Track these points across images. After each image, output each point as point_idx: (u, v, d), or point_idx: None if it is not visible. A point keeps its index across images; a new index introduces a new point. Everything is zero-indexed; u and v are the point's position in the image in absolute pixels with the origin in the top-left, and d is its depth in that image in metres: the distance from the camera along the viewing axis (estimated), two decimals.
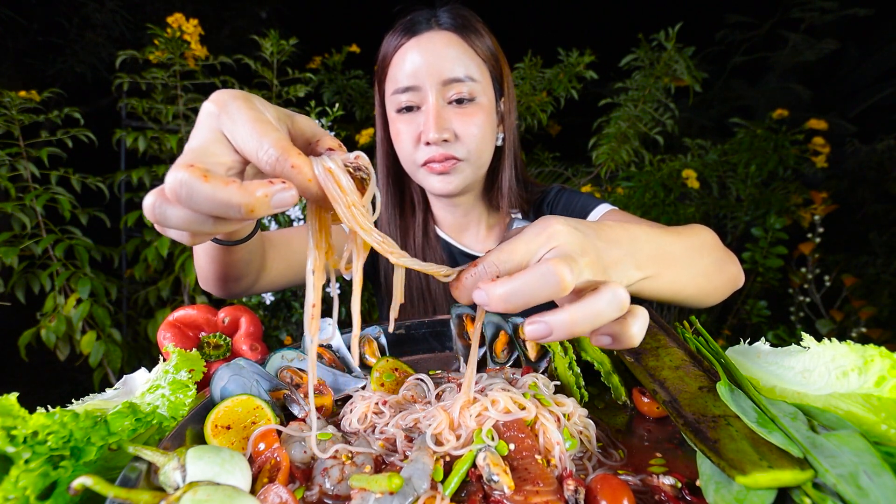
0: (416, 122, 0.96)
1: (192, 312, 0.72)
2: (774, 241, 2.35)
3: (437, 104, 0.94)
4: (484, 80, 0.98)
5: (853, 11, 3.31)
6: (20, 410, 0.41)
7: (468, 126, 0.95)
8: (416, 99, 0.96)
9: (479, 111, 0.96)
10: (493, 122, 1.01)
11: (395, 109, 0.99)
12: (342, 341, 0.70)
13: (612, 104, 2.32)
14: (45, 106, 1.88)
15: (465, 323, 0.74)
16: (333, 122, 1.89)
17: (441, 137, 0.93)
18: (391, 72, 0.98)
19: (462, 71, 0.94)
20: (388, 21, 1.04)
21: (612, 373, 0.59)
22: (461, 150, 0.96)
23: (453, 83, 0.94)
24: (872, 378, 0.44)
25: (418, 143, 0.97)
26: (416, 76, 0.94)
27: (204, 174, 0.34)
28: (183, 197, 0.34)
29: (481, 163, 1.01)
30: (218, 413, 0.49)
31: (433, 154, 0.95)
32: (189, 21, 1.97)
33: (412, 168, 1.01)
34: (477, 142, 0.96)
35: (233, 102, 0.39)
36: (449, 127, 0.94)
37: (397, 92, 0.96)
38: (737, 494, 0.37)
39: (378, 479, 0.38)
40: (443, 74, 0.93)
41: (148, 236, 2.00)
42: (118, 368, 1.84)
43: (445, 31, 0.96)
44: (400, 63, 0.96)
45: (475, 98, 0.96)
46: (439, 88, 0.94)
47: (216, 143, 0.38)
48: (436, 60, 0.93)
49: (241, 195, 0.34)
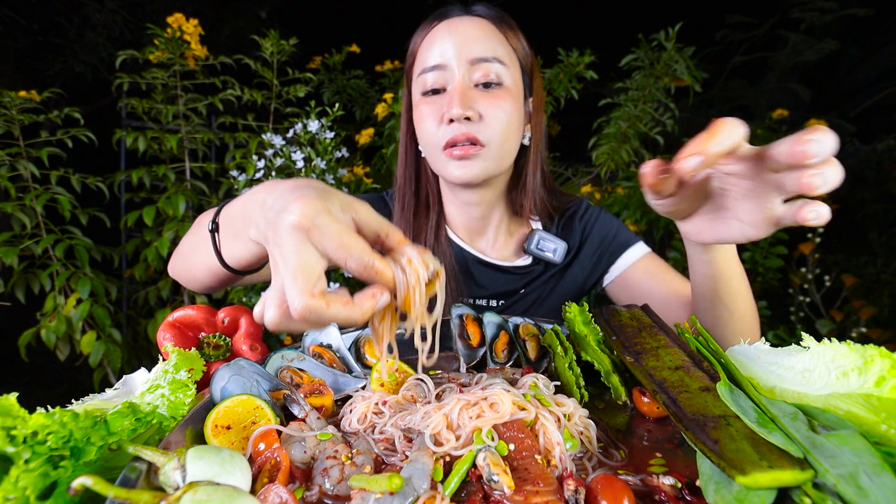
0: (440, 103, 0.93)
1: (192, 312, 0.72)
2: (774, 241, 2.35)
3: (463, 82, 0.90)
4: (514, 68, 0.95)
5: (853, 11, 3.31)
6: (20, 410, 0.41)
7: (494, 109, 0.91)
8: (443, 79, 0.92)
9: (506, 95, 0.93)
10: (520, 113, 0.97)
11: (420, 92, 0.96)
12: (342, 341, 0.70)
13: (612, 104, 2.32)
14: (45, 106, 1.88)
15: (465, 323, 0.74)
16: (333, 122, 1.89)
17: (464, 114, 0.89)
18: (420, 56, 0.96)
19: (491, 52, 0.91)
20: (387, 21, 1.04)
21: (612, 373, 0.59)
22: (484, 133, 0.91)
23: (481, 63, 0.90)
24: (872, 378, 0.44)
25: (441, 124, 0.93)
26: (443, 55, 0.91)
27: (326, 301, 0.42)
28: (310, 319, 0.42)
29: (504, 153, 0.96)
30: (218, 413, 0.49)
31: (455, 133, 0.90)
32: (189, 21, 1.96)
33: (434, 153, 0.96)
34: (502, 126, 0.92)
35: (318, 219, 0.43)
36: (474, 106, 0.90)
37: (424, 72, 0.94)
38: (737, 494, 0.37)
39: (378, 480, 0.38)
40: (471, 53, 0.90)
41: (148, 236, 2.00)
42: (118, 368, 1.84)
43: (480, 17, 0.94)
44: (429, 45, 0.94)
45: (503, 83, 0.92)
46: (467, 68, 0.91)
47: (311, 257, 0.43)
48: (465, 40, 0.91)
49: (357, 312, 0.43)
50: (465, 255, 1.09)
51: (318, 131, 1.84)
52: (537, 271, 1.09)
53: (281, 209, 0.45)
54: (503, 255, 1.11)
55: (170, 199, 1.89)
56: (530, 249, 1.07)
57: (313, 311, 0.41)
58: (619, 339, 0.61)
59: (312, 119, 1.84)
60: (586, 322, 0.67)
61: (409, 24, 1.03)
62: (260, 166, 1.82)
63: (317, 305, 0.41)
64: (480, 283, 1.08)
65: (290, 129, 1.91)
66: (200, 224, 0.78)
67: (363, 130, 2.23)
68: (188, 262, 0.79)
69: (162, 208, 1.89)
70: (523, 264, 1.09)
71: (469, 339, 0.72)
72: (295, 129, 1.88)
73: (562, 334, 0.66)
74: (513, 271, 1.09)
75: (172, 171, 2.02)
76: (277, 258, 0.44)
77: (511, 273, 1.09)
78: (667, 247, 2.49)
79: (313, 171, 1.79)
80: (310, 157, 1.81)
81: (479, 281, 1.08)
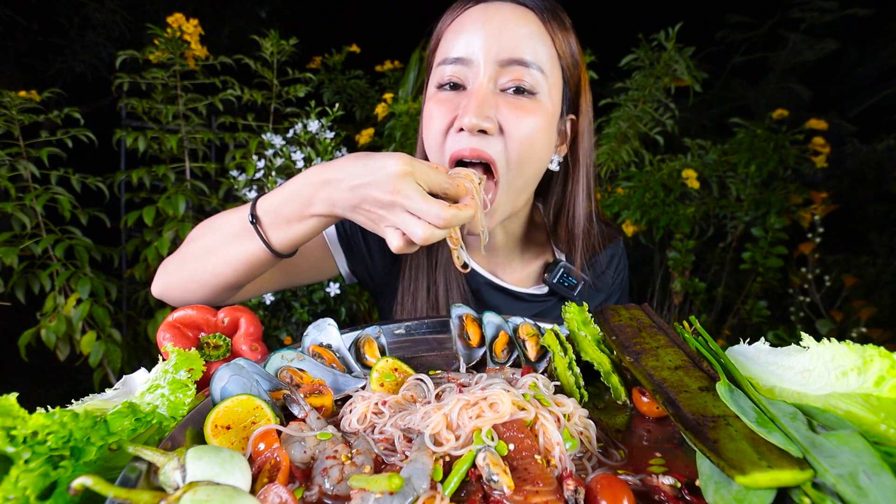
0: (454, 102, 0.77)
1: (192, 313, 0.72)
2: (774, 241, 2.35)
3: (486, 85, 0.74)
4: (554, 76, 0.78)
5: (853, 11, 3.31)
6: (20, 410, 0.41)
7: (517, 122, 0.75)
8: (464, 74, 0.77)
9: (537, 109, 0.76)
10: (550, 132, 0.80)
11: (436, 84, 0.80)
12: (342, 341, 0.70)
13: (612, 104, 2.32)
14: (45, 106, 1.88)
15: (465, 323, 0.74)
16: (333, 122, 1.89)
17: (479, 125, 0.73)
18: (444, 42, 0.80)
19: (529, 53, 0.74)
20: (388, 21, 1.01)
21: (611, 373, 0.59)
22: (499, 151, 0.75)
23: (514, 65, 0.74)
24: (872, 378, 0.44)
25: (448, 132, 0.78)
26: (469, 47, 0.75)
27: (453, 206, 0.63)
28: (453, 222, 0.62)
29: (522, 182, 0.80)
30: (218, 413, 0.49)
31: (462, 147, 0.75)
32: (189, 21, 1.96)
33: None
34: (524, 147, 0.76)
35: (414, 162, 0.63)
36: (493, 116, 0.74)
37: (444, 63, 0.78)
38: (736, 494, 0.37)
39: (378, 480, 0.38)
40: (503, 52, 0.74)
41: (148, 236, 2.00)
42: (118, 368, 1.84)
43: (523, 6, 0.77)
44: (456, 31, 0.78)
45: (536, 93, 0.76)
46: (495, 69, 0.75)
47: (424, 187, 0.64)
48: (499, 32, 0.74)
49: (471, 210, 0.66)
50: (476, 279, 1.00)
51: (318, 131, 1.84)
52: (552, 302, 1.01)
53: (378, 168, 0.62)
54: (517, 279, 1.02)
55: (170, 199, 1.89)
56: (552, 283, 0.97)
57: (455, 216, 0.61)
58: (619, 339, 0.61)
59: (312, 119, 1.84)
60: (585, 322, 0.67)
61: (410, 25, 1.00)
62: (260, 166, 1.82)
63: (454, 213, 0.62)
64: (488, 306, 0.99)
65: (290, 129, 1.91)
66: (216, 227, 0.81)
67: (363, 130, 2.24)
68: (206, 264, 0.80)
69: (162, 208, 1.89)
70: (539, 293, 1.01)
71: (469, 339, 0.72)
72: (295, 129, 1.88)
73: (561, 334, 0.66)
74: (527, 299, 1.01)
75: (172, 171, 2.02)
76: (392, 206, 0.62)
77: (524, 301, 1.01)
78: (667, 247, 2.49)
79: None
80: (310, 157, 1.81)
81: (487, 304, 1.00)
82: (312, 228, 0.73)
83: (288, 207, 0.72)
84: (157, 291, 0.87)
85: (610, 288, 1.05)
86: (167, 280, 0.85)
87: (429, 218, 0.61)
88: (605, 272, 1.03)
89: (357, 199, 0.65)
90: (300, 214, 0.71)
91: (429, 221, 0.62)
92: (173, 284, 0.84)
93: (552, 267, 0.98)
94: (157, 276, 0.87)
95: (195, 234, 0.85)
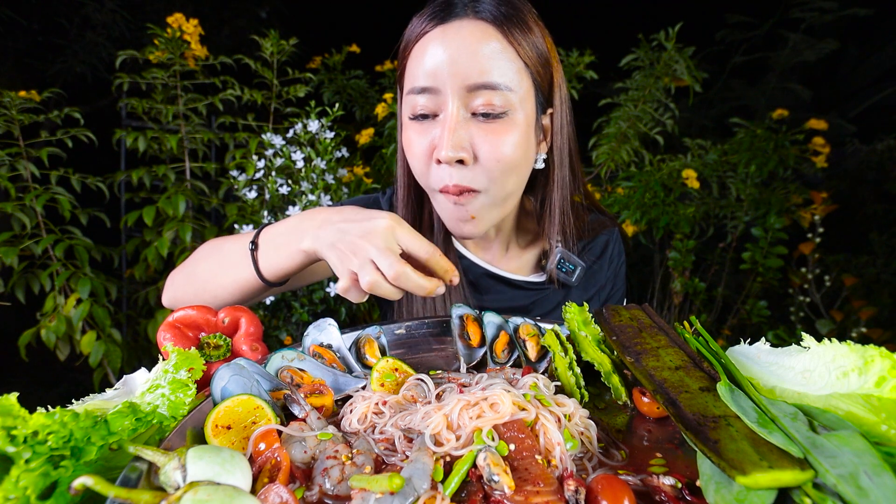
0: (430, 132, 0.80)
1: (192, 313, 0.72)
2: (774, 241, 2.35)
3: (456, 115, 0.76)
4: (523, 89, 0.79)
5: (853, 11, 3.31)
6: (20, 410, 0.41)
7: (494, 148, 0.77)
8: (433, 104, 0.78)
9: (510, 129, 0.78)
10: (529, 142, 0.82)
11: (409, 114, 0.82)
12: (342, 341, 0.70)
13: (612, 104, 2.32)
14: (45, 106, 1.88)
15: (465, 323, 0.74)
16: (333, 122, 1.89)
17: (455, 157, 0.76)
18: (410, 66, 0.81)
19: (495, 75, 0.75)
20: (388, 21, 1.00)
21: (612, 373, 0.59)
22: (480, 179, 0.79)
23: (481, 90, 0.75)
24: (872, 378, 0.44)
25: (430, 161, 0.81)
26: (435, 75, 0.76)
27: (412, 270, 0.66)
28: (400, 281, 0.66)
29: (505, 195, 0.83)
30: (218, 413, 0.49)
31: (446, 183, 0.79)
32: (189, 21, 1.96)
33: (426, 189, 0.88)
34: (502, 169, 0.78)
35: (400, 222, 0.69)
36: (467, 146, 0.77)
37: (412, 92, 0.80)
38: (737, 494, 0.37)
39: (378, 480, 0.38)
40: (469, 77, 0.75)
41: (148, 236, 1.99)
42: (118, 368, 1.84)
43: (482, 21, 0.76)
44: (420, 56, 0.78)
45: (508, 112, 0.77)
46: (463, 95, 0.76)
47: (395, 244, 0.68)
48: (462, 58, 0.74)
49: (430, 284, 0.68)
50: (474, 270, 1.02)
51: (318, 131, 1.83)
52: (550, 289, 1.03)
53: (368, 217, 0.68)
54: (514, 267, 1.04)
55: (170, 199, 1.89)
56: (550, 269, 0.99)
57: (404, 273, 0.65)
58: (619, 339, 0.61)
59: (312, 119, 1.84)
60: (586, 322, 0.67)
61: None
62: (260, 166, 1.82)
63: (405, 271, 0.65)
64: (487, 297, 1.02)
65: (290, 129, 1.91)
66: (220, 250, 0.89)
67: (363, 130, 2.24)
68: (206, 286, 0.88)
69: (162, 208, 1.89)
70: (537, 281, 1.03)
71: (469, 339, 0.72)
72: (295, 129, 1.88)
73: (562, 335, 0.66)
74: (525, 286, 1.02)
75: (172, 171, 2.02)
76: (360, 249, 0.66)
77: (522, 288, 1.03)
78: (667, 247, 2.49)
79: (313, 171, 1.79)
80: (310, 157, 1.81)
81: (486, 294, 1.02)
82: (297, 263, 0.78)
83: (283, 237, 0.79)
84: (167, 303, 0.95)
85: (606, 274, 1.06)
86: (174, 294, 0.93)
87: (381, 266, 0.65)
88: (601, 257, 1.06)
89: (338, 237, 0.70)
90: (289, 246, 0.77)
91: (381, 270, 0.66)
92: (181, 299, 0.91)
93: (549, 254, 1.00)
94: (165, 289, 0.95)
95: (201, 255, 0.92)
